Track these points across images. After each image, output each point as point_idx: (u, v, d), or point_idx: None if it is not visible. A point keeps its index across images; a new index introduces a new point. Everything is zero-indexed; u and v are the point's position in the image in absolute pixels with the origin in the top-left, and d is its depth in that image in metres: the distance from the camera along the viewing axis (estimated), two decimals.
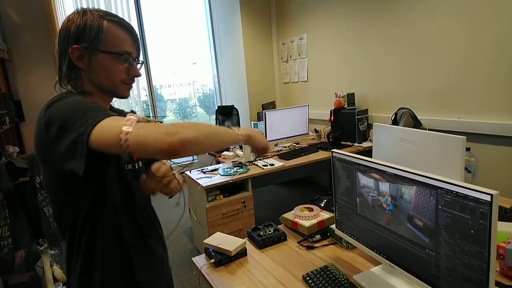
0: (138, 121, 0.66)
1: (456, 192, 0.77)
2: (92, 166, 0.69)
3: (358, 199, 1.11)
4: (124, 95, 0.90)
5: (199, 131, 0.70)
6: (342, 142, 3.08)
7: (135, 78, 0.90)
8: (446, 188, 0.79)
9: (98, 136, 0.66)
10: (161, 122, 0.72)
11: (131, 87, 0.91)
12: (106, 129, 0.66)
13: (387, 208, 0.99)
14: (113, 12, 4.12)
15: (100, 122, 0.67)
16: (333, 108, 3.22)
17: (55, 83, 0.88)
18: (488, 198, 0.71)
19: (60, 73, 0.86)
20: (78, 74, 0.84)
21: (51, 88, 0.89)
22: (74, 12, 0.84)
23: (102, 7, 4.11)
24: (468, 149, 1.60)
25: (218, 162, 2.97)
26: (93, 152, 0.68)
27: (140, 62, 0.91)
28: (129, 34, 0.86)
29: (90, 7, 0.86)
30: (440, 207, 0.81)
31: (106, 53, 0.83)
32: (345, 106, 3.19)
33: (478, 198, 0.72)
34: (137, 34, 0.90)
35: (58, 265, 2.09)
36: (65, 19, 0.85)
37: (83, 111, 0.70)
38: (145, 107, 4.71)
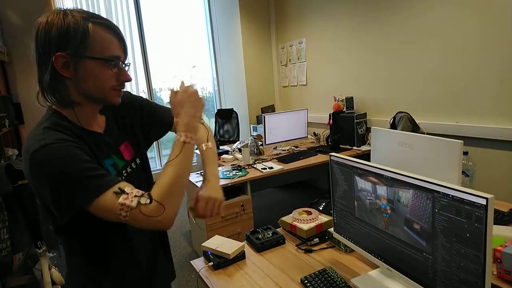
0: (131, 202, 0.72)
1: (452, 195, 0.78)
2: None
3: (356, 202, 1.11)
4: (115, 102, 0.84)
5: (179, 193, 0.81)
6: (341, 146, 3.09)
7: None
8: (442, 192, 0.80)
9: (95, 211, 0.73)
10: (150, 199, 0.74)
11: (121, 93, 0.86)
12: (104, 208, 0.72)
13: (385, 211, 0.99)
14: (113, 15, 4.20)
15: (98, 198, 0.72)
16: (332, 112, 3.23)
17: (37, 94, 0.79)
18: (483, 202, 0.71)
19: (41, 83, 0.77)
20: (63, 83, 0.77)
21: None
22: (52, 12, 0.75)
23: (102, 11, 4.13)
24: (465, 153, 1.61)
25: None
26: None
27: (128, 64, 0.85)
28: (116, 36, 0.80)
29: (72, 7, 0.78)
30: (436, 210, 0.82)
31: (94, 59, 0.76)
32: (344, 109, 3.21)
33: (474, 202, 0.73)
34: (123, 35, 0.83)
35: (56, 268, 2.09)
36: (42, 20, 0.75)
37: (76, 179, 0.71)
38: None
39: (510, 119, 2.14)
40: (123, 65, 0.83)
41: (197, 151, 3.62)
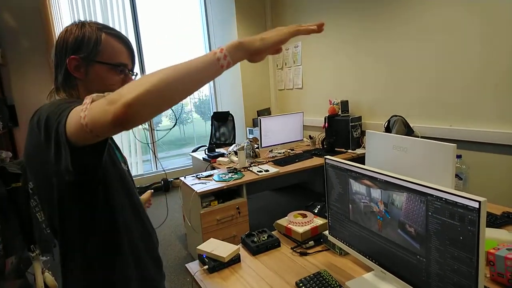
0: (92, 101, 0.61)
1: (445, 199, 0.79)
2: (83, 167, 0.69)
3: (350, 205, 1.12)
4: None
5: (151, 83, 0.57)
6: (336, 149, 3.10)
7: None
8: (435, 195, 0.81)
9: (68, 127, 0.64)
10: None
11: None
12: (72, 119, 0.64)
13: (379, 214, 1.00)
14: (110, 20, 4.20)
15: (69, 114, 0.65)
16: (327, 115, 3.25)
17: (49, 93, 0.88)
18: (476, 205, 0.72)
19: (56, 83, 0.87)
20: (74, 83, 0.85)
21: (45, 93, 0.89)
22: (72, 24, 0.86)
23: (98, 15, 4.12)
24: (459, 156, 1.63)
25: (213, 168, 2.97)
26: (78, 148, 0.65)
27: (135, 74, 0.94)
28: (126, 47, 0.89)
29: (88, 19, 0.88)
30: (430, 213, 0.83)
31: (103, 64, 0.85)
32: (339, 113, 3.22)
33: (467, 205, 0.74)
34: (133, 48, 0.92)
35: (49, 272, 2.07)
36: (63, 30, 0.86)
37: (62, 108, 0.69)
38: None
39: (504, 123, 2.16)
40: (130, 73, 0.91)
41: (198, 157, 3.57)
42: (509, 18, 2.04)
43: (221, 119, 4.38)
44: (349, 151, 3.05)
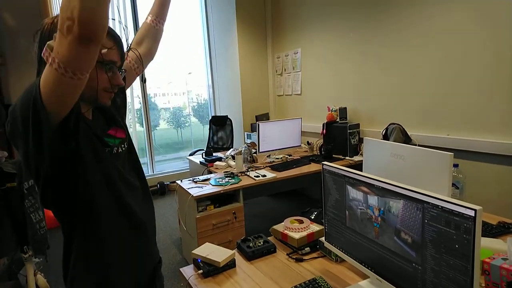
0: (51, 49, 0.67)
1: (442, 206, 0.79)
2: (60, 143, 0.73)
3: (347, 211, 1.12)
4: (105, 103, 0.88)
5: None
6: (334, 155, 3.10)
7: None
8: (432, 203, 0.81)
9: (43, 90, 0.69)
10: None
11: (112, 95, 0.89)
12: (43, 81, 0.69)
13: (375, 221, 1.00)
14: (110, 21, 4.21)
15: (39, 84, 0.70)
16: (325, 122, 3.26)
17: None
18: (472, 213, 0.72)
19: (39, 78, 0.81)
20: None
21: None
22: (58, 15, 0.80)
23: None
24: (456, 165, 1.64)
25: (210, 172, 2.96)
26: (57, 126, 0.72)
27: (123, 70, 0.90)
28: (115, 43, 0.85)
29: None
30: (426, 221, 0.83)
31: None
32: (337, 119, 3.24)
33: (463, 213, 0.74)
34: (123, 43, 0.88)
35: (42, 274, 2.04)
36: (48, 20, 0.80)
37: (30, 88, 0.72)
38: (138, 115, 4.71)
39: (501, 133, 2.18)
40: (118, 70, 0.87)
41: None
42: (510, 28, 2.07)
43: (219, 123, 4.39)
44: (347, 158, 3.05)
